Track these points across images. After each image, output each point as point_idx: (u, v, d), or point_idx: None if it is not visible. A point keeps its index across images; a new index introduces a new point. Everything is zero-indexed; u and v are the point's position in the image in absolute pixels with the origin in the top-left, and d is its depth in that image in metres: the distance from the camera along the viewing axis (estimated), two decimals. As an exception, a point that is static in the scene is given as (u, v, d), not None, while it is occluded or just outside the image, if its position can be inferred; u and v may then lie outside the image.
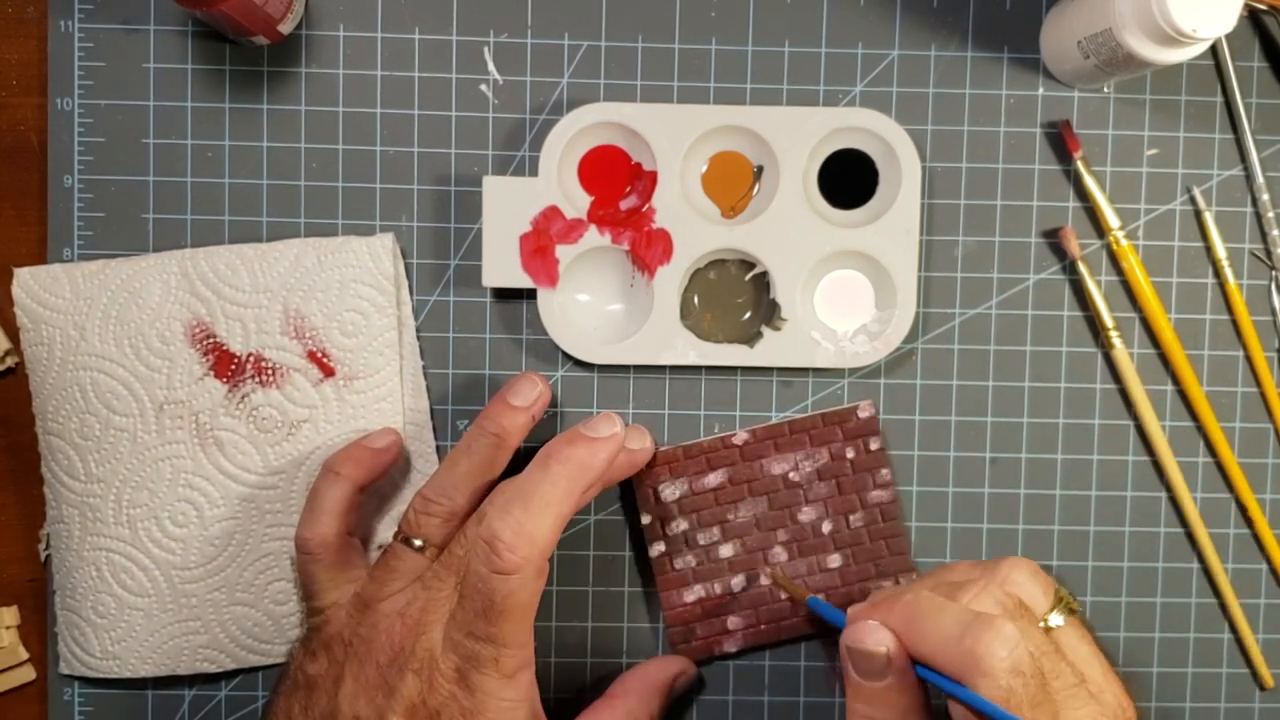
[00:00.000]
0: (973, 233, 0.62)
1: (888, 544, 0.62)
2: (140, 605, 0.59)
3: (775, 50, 0.61)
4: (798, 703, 0.63)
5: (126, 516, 0.59)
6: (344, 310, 0.59)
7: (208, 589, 0.59)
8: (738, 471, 0.61)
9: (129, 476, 0.59)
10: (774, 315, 0.60)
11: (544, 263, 0.59)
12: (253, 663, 0.60)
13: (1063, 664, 0.48)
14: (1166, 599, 0.63)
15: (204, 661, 0.60)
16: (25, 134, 0.61)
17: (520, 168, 0.61)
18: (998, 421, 0.63)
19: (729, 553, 0.61)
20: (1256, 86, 0.62)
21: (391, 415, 0.60)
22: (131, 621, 0.59)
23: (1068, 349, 0.62)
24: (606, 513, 0.62)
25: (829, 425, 0.61)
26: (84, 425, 0.59)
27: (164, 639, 0.60)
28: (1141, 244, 0.62)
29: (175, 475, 0.59)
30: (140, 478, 0.59)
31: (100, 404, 0.59)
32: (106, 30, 0.60)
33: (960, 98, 0.62)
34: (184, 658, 0.60)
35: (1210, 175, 0.62)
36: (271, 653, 0.60)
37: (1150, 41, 0.53)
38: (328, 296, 0.58)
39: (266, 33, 0.58)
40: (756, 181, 0.61)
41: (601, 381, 0.62)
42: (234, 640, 0.60)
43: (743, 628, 0.62)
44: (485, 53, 0.61)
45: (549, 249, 0.59)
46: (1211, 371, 0.63)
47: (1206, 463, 0.63)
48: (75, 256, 0.60)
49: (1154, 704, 0.63)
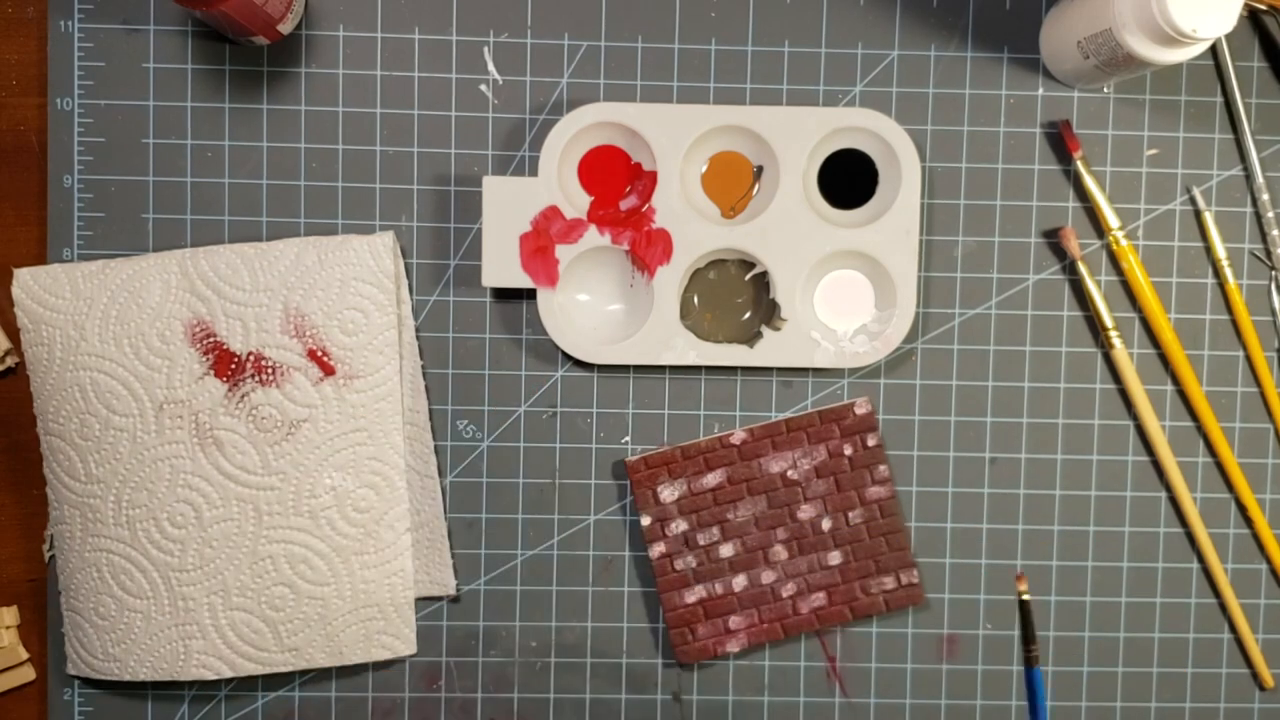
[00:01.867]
0: (973, 233, 0.62)
1: (887, 540, 0.62)
2: (139, 608, 0.59)
3: (775, 50, 0.61)
4: (798, 703, 0.63)
5: (126, 517, 0.59)
6: (344, 308, 0.59)
7: (205, 592, 0.59)
8: (736, 471, 0.61)
9: (128, 477, 0.59)
10: (774, 315, 0.60)
11: (544, 263, 0.59)
12: (250, 670, 0.60)
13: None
14: (1166, 599, 0.63)
15: (201, 668, 0.60)
16: (25, 134, 0.61)
17: (520, 168, 0.61)
18: (997, 421, 0.63)
19: (729, 552, 0.61)
20: (1256, 86, 0.62)
21: (391, 415, 0.60)
22: (131, 624, 0.59)
23: (1067, 349, 0.62)
24: (606, 513, 0.62)
25: (826, 423, 0.61)
26: (84, 425, 0.59)
27: (162, 642, 0.60)
28: (1141, 244, 0.62)
29: (174, 475, 0.59)
30: (140, 478, 0.59)
31: (100, 404, 0.59)
32: (106, 30, 0.60)
33: (960, 98, 0.62)
34: (181, 663, 0.60)
35: (1210, 175, 0.62)
36: (270, 661, 0.60)
37: (1150, 41, 0.53)
38: (328, 295, 0.58)
39: (266, 33, 0.58)
40: (756, 181, 0.61)
41: (601, 381, 0.62)
42: (231, 647, 0.60)
43: (743, 628, 0.62)
44: (485, 53, 0.61)
45: (549, 249, 0.59)
46: (1211, 371, 0.63)
47: (1206, 463, 0.63)
48: (75, 256, 0.60)
49: (1154, 704, 0.63)
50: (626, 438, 0.62)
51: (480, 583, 0.62)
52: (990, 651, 0.63)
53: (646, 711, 0.63)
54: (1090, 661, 0.63)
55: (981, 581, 0.63)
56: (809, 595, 0.62)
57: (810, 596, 0.62)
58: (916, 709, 0.63)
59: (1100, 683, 0.63)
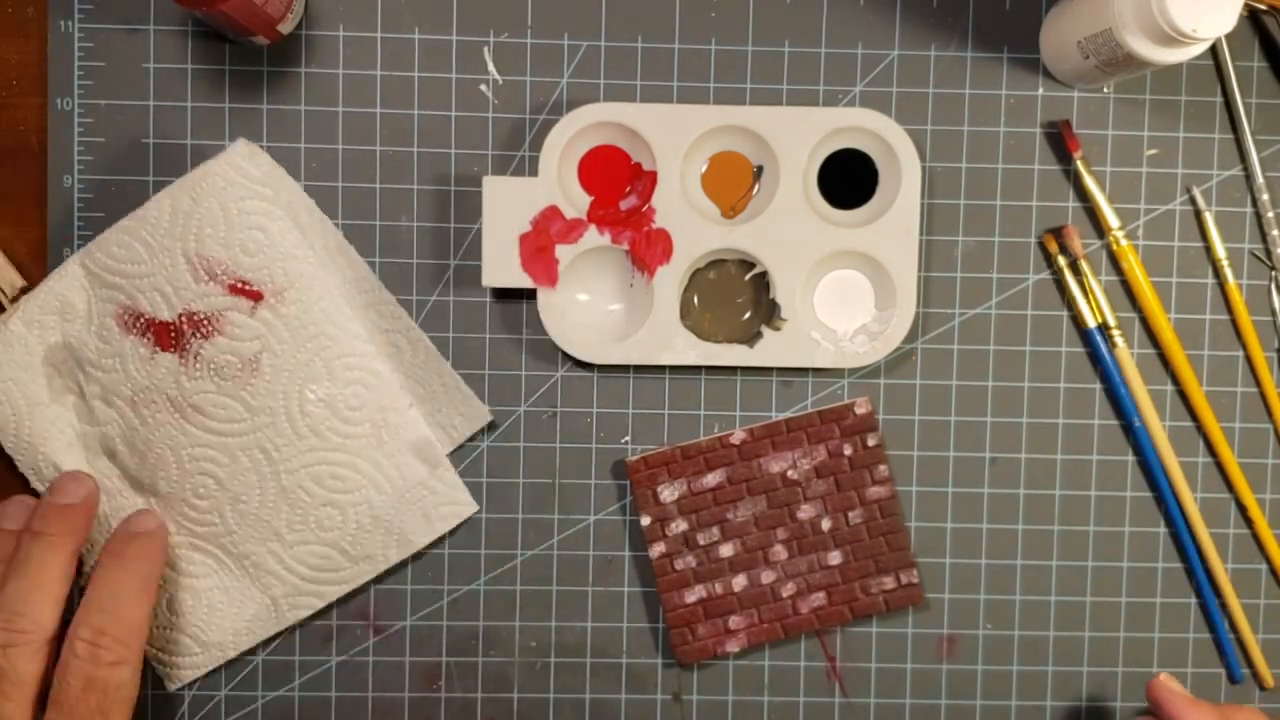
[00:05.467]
0: (972, 233, 0.62)
1: (887, 540, 0.62)
2: (215, 584, 0.60)
3: (775, 50, 0.61)
4: (798, 703, 0.63)
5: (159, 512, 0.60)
6: (238, 233, 0.57)
7: (260, 543, 0.60)
8: (736, 471, 0.61)
9: (139, 475, 0.59)
10: (774, 315, 0.60)
11: (544, 263, 0.59)
12: (337, 594, 0.61)
13: None
14: (1166, 599, 0.63)
15: (294, 610, 0.61)
16: (25, 134, 0.61)
17: (520, 168, 0.61)
18: (997, 421, 0.63)
19: (729, 552, 0.61)
20: (1256, 86, 0.62)
21: (337, 309, 0.58)
22: (213, 602, 0.60)
23: (1067, 349, 0.62)
24: (606, 513, 0.62)
25: (826, 422, 0.61)
26: (84, 450, 0.60)
27: (248, 605, 0.60)
28: (1141, 244, 0.62)
29: (176, 456, 0.59)
30: (149, 472, 0.59)
31: (85, 424, 0.59)
32: (106, 30, 0.60)
33: (960, 98, 0.62)
34: (274, 614, 0.61)
35: (1210, 175, 0.62)
36: (349, 577, 0.60)
37: (1150, 41, 0.53)
38: (217, 228, 0.57)
39: (266, 33, 0.58)
40: (756, 181, 0.61)
41: (601, 381, 0.62)
42: (310, 579, 0.60)
43: (743, 628, 0.62)
44: (485, 53, 0.61)
45: (549, 249, 0.59)
46: (1211, 371, 0.63)
47: (1206, 463, 0.63)
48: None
49: (1154, 704, 0.63)
50: (626, 438, 0.62)
51: (480, 583, 0.62)
52: (990, 651, 0.63)
53: (646, 711, 0.63)
54: (1090, 662, 0.63)
55: (981, 581, 0.63)
56: (809, 595, 0.62)
57: (810, 596, 0.62)
58: (916, 709, 0.63)
59: (1100, 682, 0.63)
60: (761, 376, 0.62)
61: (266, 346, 0.58)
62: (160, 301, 0.58)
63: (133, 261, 0.58)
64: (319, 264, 0.58)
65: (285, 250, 0.58)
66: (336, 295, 0.59)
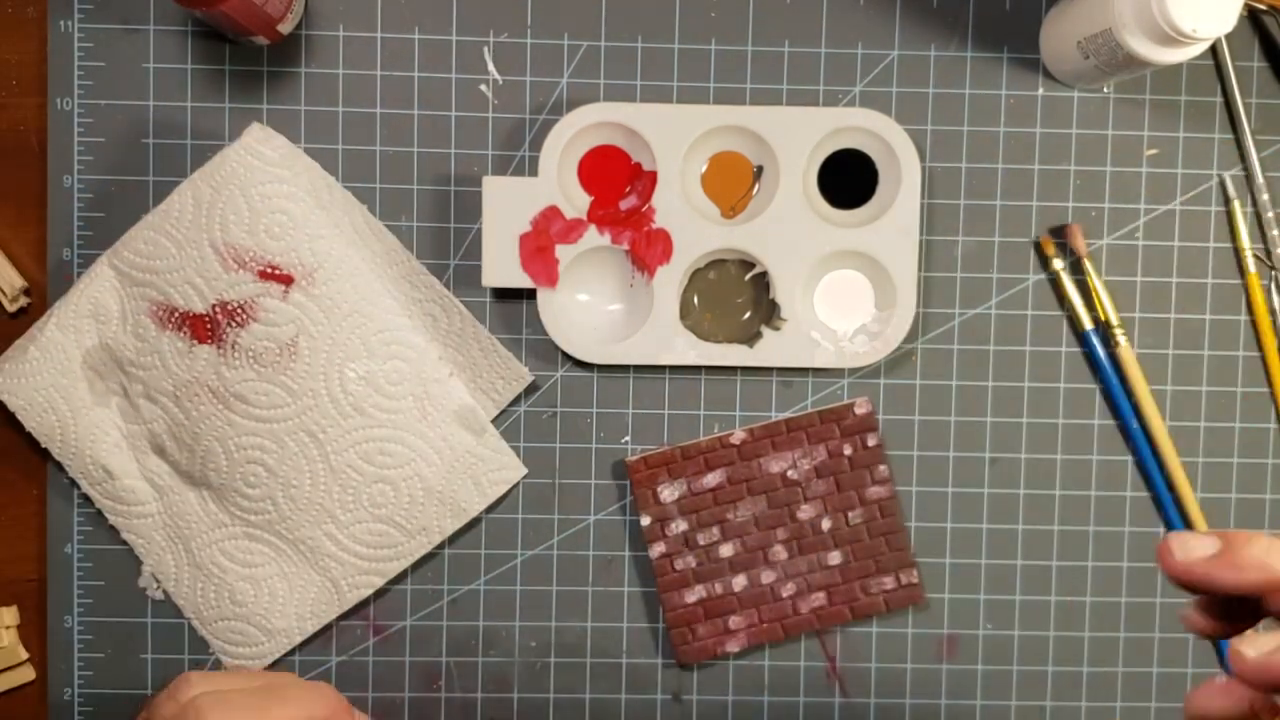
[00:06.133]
0: (972, 233, 0.62)
1: (887, 540, 0.62)
2: (274, 571, 0.60)
3: (775, 50, 0.61)
4: (798, 703, 0.63)
5: (211, 508, 0.60)
6: (262, 218, 0.57)
7: (315, 525, 0.60)
8: (736, 471, 0.61)
9: (189, 469, 0.59)
10: (774, 315, 0.60)
11: (544, 263, 0.59)
12: (396, 569, 0.61)
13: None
14: (1166, 599, 0.63)
15: (354, 590, 0.61)
16: (25, 134, 0.61)
17: (520, 168, 0.61)
18: (997, 421, 0.63)
19: (729, 552, 0.61)
20: (1256, 86, 0.62)
21: (369, 285, 0.58)
22: (274, 589, 0.61)
23: (1067, 349, 0.62)
24: (606, 513, 0.62)
25: (826, 423, 0.61)
26: (132, 450, 0.60)
27: (309, 588, 0.61)
28: (1141, 244, 0.62)
29: (224, 446, 0.59)
30: (199, 465, 0.59)
31: (131, 423, 0.60)
32: (106, 30, 0.60)
33: (960, 98, 0.62)
34: (336, 596, 0.61)
35: (1210, 175, 0.62)
36: (407, 552, 0.61)
37: (1150, 41, 0.53)
38: (240, 215, 0.57)
39: (266, 33, 0.58)
40: (756, 181, 0.61)
41: (601, 381, 0.62)
42: (368, 558, 0.60)
43: (743, 628, 0.62)
44: (485, 53, 0.61)
45: (549, 249, 0.59)
46: (1211, 371, 0.63)
47: (1207, 463, 0.63)
48: (75, 256, 0.60)
49: (1154, 704, 0.63)
50: (626, 438, 0.62)
51: (480, 583, 0.62)
52: (990, 651, 0.63)
53: (646, 711, 0.63)
54: (1090, 662, 0.63)
55: (981, 581, 0.63)
56: (809, 595, 0.62)
57: (810, 596, 0.62)
58: (916, 709, 0.63)
59: (1100, 682, 0.63)
60: (761, 376, 0.62)
61: (302, 329, 0.58)
62: (192, 294, 0.58)
63: (161, 257, 0.58)
64: (346, 242, 0.58)
65: (311, 231, 0.58)
66: (367, 271, 0.59)
